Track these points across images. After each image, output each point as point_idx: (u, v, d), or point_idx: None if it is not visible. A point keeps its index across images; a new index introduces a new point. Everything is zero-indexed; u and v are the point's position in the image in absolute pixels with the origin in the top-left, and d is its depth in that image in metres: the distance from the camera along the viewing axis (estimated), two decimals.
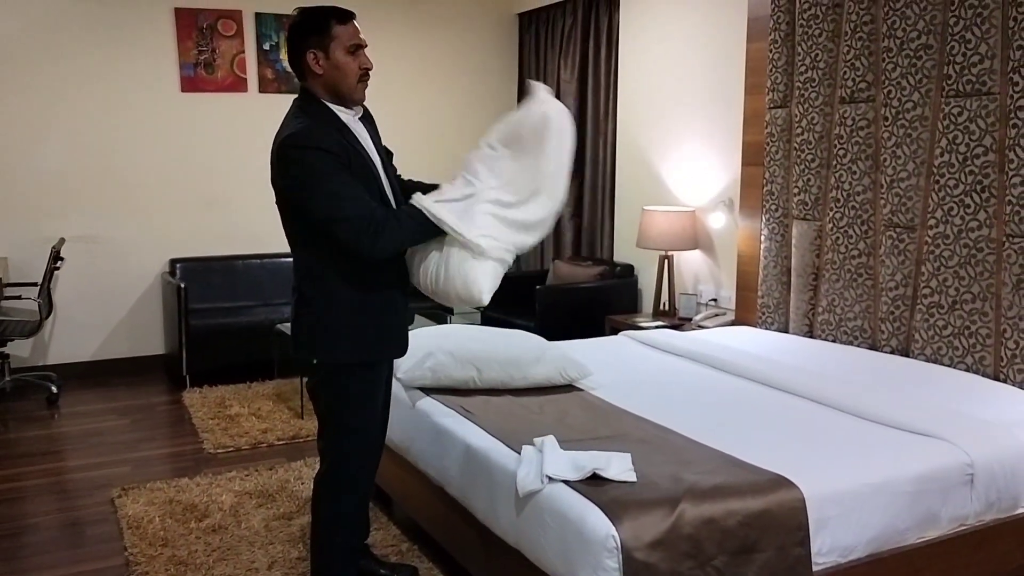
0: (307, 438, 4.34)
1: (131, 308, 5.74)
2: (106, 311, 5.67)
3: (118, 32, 5.49)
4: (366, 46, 2.40)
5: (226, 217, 5.92)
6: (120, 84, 5.54)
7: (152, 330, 5.80)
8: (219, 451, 4.20)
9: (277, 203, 2.42)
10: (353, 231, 2.27)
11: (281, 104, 5.96)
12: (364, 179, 2.36)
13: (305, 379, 2.69)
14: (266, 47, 5.88)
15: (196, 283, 5.55)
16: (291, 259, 2.49)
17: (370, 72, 2.41)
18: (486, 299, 2.38)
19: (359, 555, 2.73)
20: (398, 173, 2.66)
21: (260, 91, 5.89)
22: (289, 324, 2.64)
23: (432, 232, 2.36)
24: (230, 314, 5.49)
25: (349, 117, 2.41)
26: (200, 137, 5.80)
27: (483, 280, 2.36)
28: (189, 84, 5.71)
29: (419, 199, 2.39)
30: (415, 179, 2.69)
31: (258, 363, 5.35)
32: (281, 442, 4.32)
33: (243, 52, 5.82)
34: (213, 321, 5.36)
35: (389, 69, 6.22)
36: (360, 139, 2.41)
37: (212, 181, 5.87)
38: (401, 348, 2.58)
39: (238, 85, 5.84)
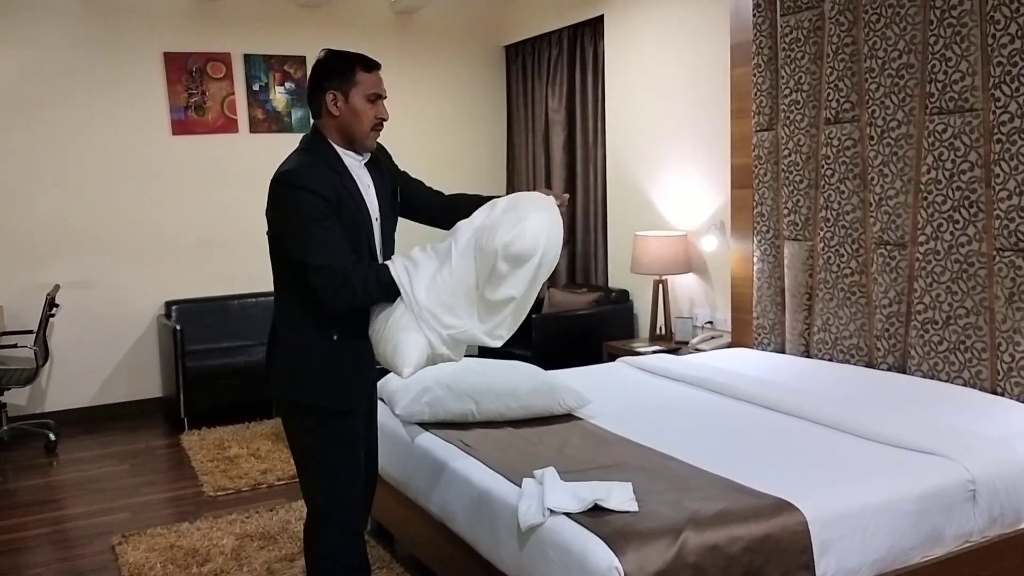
0: None
1: (127, 352, 5.73)
2: (102, 356, 5.66)
3: (108, 77, 5.53)
4: (386, 97, 2.42)
5: (220, 258, 5.94)
6: (111, 128, 5.57)
7: (149, 373, 5.79)
8: (219, 494, 4.17)
9: (267, 235, 2.43)
10: (321, 282, 2.25)
11: (272, 144, 6.07)
12: (352, 227, 2.33)
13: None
14: (255, 88, 5.93)
15: (192, 325, 5.54)
16: None
17: (384, 122, 2.42)
18: (406, 373, 2.28)
19: None
20: (436, 190, 2.68)
21: (251, 131, 5.94)
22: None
23: (393, 296, 2.31)
24: (227, 354, 5.48)
25: (354, 162, 2.41)
26: (192, 179, 5.83)
27: (410, 353, 2.28)
28: (180, 127, 5.75)
29: (394, 265, 2.34)
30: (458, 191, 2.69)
31: (256, 403, 5.34)
32: (281, 482, 4.29)
33: (233, 93, 5.86)
34: (210, 362, 5.35)
35: None
36: (360, 185, 2.39)
37: (205, 222, 5.89)
38: (369, 399, 2.55)
39: (229, 126, 5.88)
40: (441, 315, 2.29)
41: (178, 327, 5.19)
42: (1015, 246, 3.14)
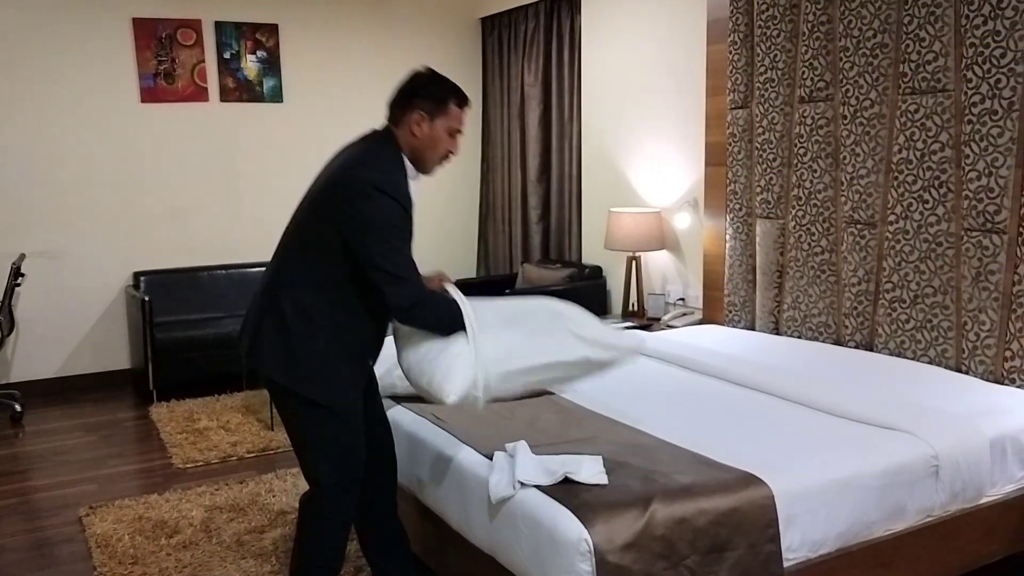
0: (278, 450, 4.31)
1: (95, 323, 5.66)
2: (69, 326, 5.58)
3: (76, 43, 5.41)
4: (463, 133, 2.44)
5: (190, 228, 5.85)
6: (79, 96, 5.46)
7: (117, 345, 5.72)
8: (188, 466, 4.15)
9: (306, 215, 2.40)
10: (401, 293, 2.28)
11: (243, 113, 5.98)
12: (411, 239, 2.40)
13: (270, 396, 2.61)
14: (226, 56, 5.83)
15: (161, 296, 5.48)
16: (257, 269, 2.45)
17: (452, 156, 2.46)
18: (451, 400, 2.31)
19: None
20: None
21: (222, 100, 5.84)
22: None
23: (456, 328, 2.36)
24: (196, 326, 5.43)
25: (413, 176, 2.43)
26: (162, 148, 5.73)
27: (460, 383, 2.31)
28: (149, 95, 5.65)
29: (459, 297, 2.42)
30: None
31: (226, 375, 5.30)
32: (251, 455, 4.28)
33: (203, 61, 5.76)
34: (179, 334, 5.30)
35: (353, 75, 6.20)
36: (414, 200, 2.43)
37: (175, 192, 5.80)
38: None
39: (199, 95, 5.78)
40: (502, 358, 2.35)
41: (147, 298, 5.13)
42: (982, 226, 3.19)
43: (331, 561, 2.55)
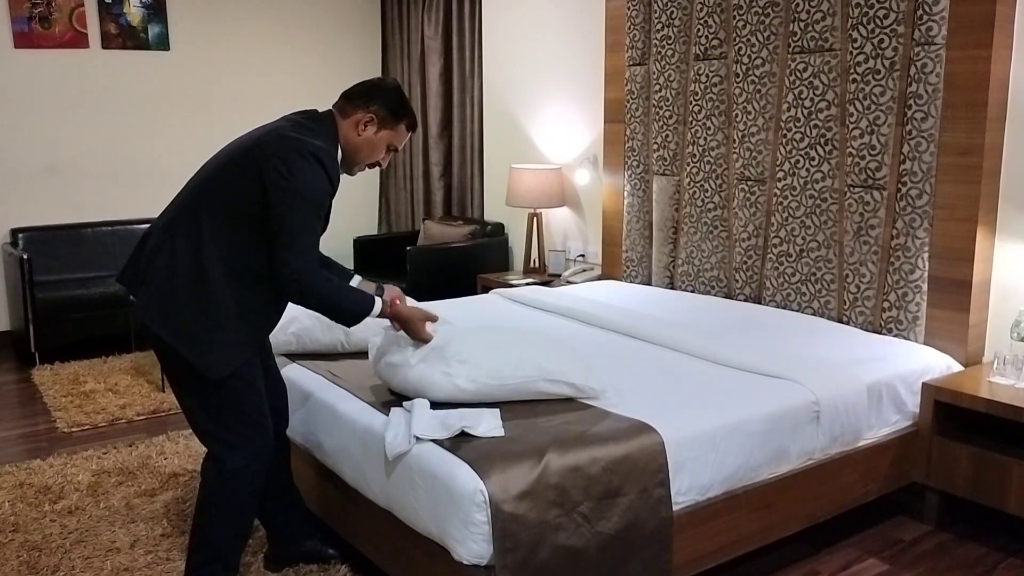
0: (169, 411, 4.18)
1: None
2: None
3: None
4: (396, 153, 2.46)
5: (72, 183, 5.55)
6: None
7: None
8: (74, 430, 3.99)
9: (222, 169, 2.31)
10: (289, 260, 2.23)
11: (127, 61, 5.64)
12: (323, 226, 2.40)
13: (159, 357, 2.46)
14: (108, 0, 5.51)
15: (41, 254, 5.21)
16: (144, 225, 2.33)
17: (374, 168, 2.51)
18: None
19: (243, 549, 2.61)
20: None
21: (103, 47, 5.52)
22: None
23: (342, 321, 2.40)
24: (81, 286, 5.18)
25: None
26: (38, 97, 5.39)
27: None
28: (23, 40, 5.29)
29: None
30: None
31: (114, 336, 5.09)
32: (141, 417, 4.14)
33: (82, 5, 5.43)
34: (62, 294, 5.05)
35: (244, 23, 5.96)
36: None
37: (54, 145, 5.48)
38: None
39: (78, 41, 5.45)
40: None
41: (25, 256, 4.87)
42: (864, 183, 3.32)
43: (238, 531, 2.46)
